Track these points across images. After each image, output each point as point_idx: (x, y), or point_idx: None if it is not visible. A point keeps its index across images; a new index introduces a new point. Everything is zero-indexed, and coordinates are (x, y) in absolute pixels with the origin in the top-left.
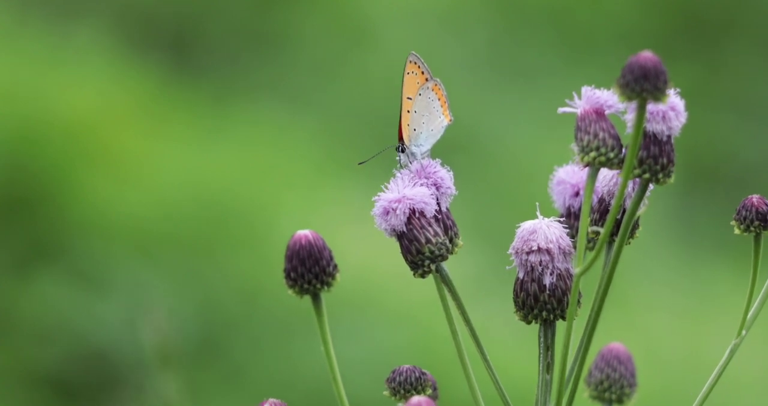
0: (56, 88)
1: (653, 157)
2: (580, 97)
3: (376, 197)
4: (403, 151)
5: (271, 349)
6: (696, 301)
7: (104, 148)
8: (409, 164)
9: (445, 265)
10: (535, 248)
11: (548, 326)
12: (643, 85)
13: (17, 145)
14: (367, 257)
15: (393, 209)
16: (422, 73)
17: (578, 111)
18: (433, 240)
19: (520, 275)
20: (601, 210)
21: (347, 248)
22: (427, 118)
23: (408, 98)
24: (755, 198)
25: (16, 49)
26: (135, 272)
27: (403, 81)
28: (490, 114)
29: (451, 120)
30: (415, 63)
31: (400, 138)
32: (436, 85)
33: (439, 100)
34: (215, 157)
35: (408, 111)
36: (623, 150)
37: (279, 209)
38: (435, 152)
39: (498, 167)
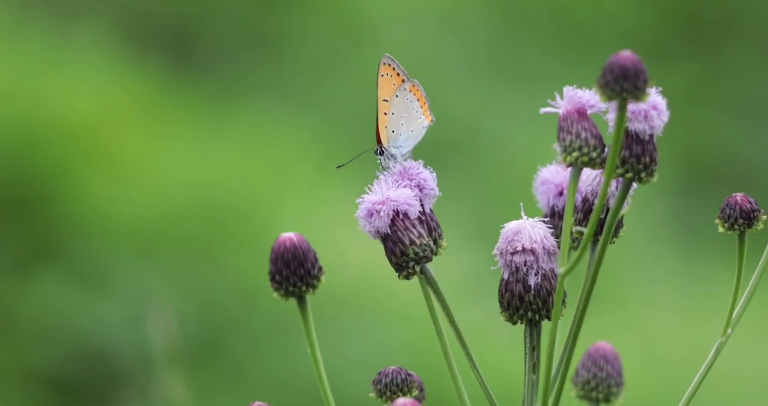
0: (56, 88)
1: (636, 156)
2: (561, 98)
3: (360, 199)
4: (381, 154)
5: (271, 349)
6: (695, 301)
7: (104, 148)
8: (390, 166)
9: (431, 266)
10: (519, 248)
11: (534, 327)
12: (622, 84)
13: (17, 145)
14: (366, 257)
15: (377, 211)
16: (398, 74)
17: (560, 111)
18: (417, 242)
19: (505, 276)
20: (585, 210)
21: (347, 248)
22: (406, 119)
23: (384, 100)
24: (739, 196)
25: (16, 49)
26: (135, 272)
27: (377, 84)
28: (490, 114)
29: (432, 120)
30: (390, 65)
31: (378, 141)
32: (413, 86)
33: (418, 100)
34: (215, 157)
35: (385, 113)
36: (606, 149)
37: (279, 209)
38: (434, 152)
39: (498, 167)
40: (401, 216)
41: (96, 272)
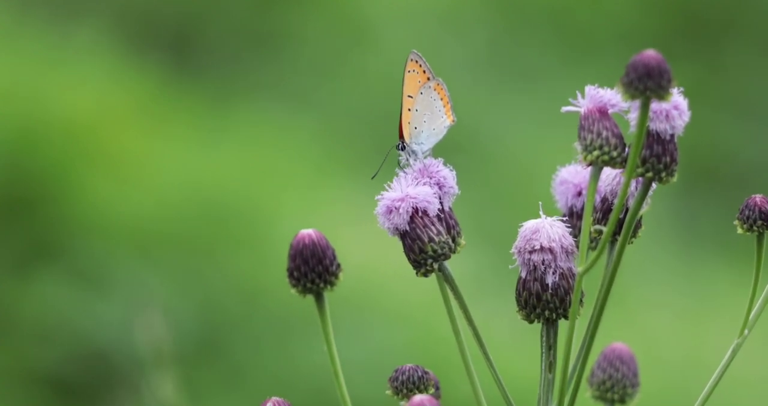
0: (56, 88)
1: (656, 156)
2: (583, 96)
3: (379, 196)
4: (403, 149)
5: (271, 348)
6: (696, 301)
7: (104, 148)
8: (411, 163)
9: (448, 264)
10: (537, 247)
11: (550, 326)
12: (646, 83)
13: (17, 145)
14: (367, 257)
15: (396, 208)
16: (423, 72)
17: (582, 110)
18: (436, 239)
19: (523, 274)
20: (604, 209)
21: (347, 248)
22: (429, 117)
23: (409, 96)
24: (758, 198)
25: (16, 49)
26: (135, 272)
27: (403, 79)
28: (490, 114)
29: (453, 121)
30: (417, 62)
31: (401, 136)
32: (438, 84)
33: (441, 100)
34: (215, 157)
35: (409, 109)
36: (626, 149)
37: (279, 208)
38: (435, 152)
39: (498, 167)
40: (420, 213)
41: (96, 272)
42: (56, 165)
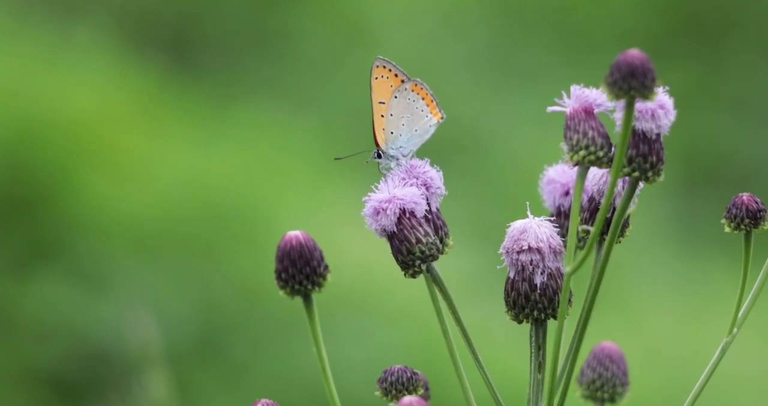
0: (56, 88)
1: (642, 155)
2: (569, 96)
3: (367, 198)
4: (379, 157)
5: (271, 348)
6: (696, 301)
7: (104, 148)
8: (392, 167)
9: (436, 265)
10: (525, 247)
11: (539, 326)
12: (630, 83)
13: (17, 145)
14: (366, 257)
15: (383, 209)
16: (396, 75)
17: (567, 110)
18: (424, 240)
19: (511, 275)
20: (591, 209)
21: (347, 248)
22: (408, 119)
23: (380, 103)
24: (745, 196)
25: (16, 49)
26: (135, 271)
27: (371, 87)
28: (490, 114)
29: (442, 118)
30: (385, 67)
31: (377, 143)
32: (416, 84)
33: (423, 99)
34: (215, 157)
35: (382, 115)
36: (612, 149)
37: (279, 208)
38: (434, 152)
39: (498, 167)
40: (408, 214)
41: (95, 272)
42: (56, 165)
